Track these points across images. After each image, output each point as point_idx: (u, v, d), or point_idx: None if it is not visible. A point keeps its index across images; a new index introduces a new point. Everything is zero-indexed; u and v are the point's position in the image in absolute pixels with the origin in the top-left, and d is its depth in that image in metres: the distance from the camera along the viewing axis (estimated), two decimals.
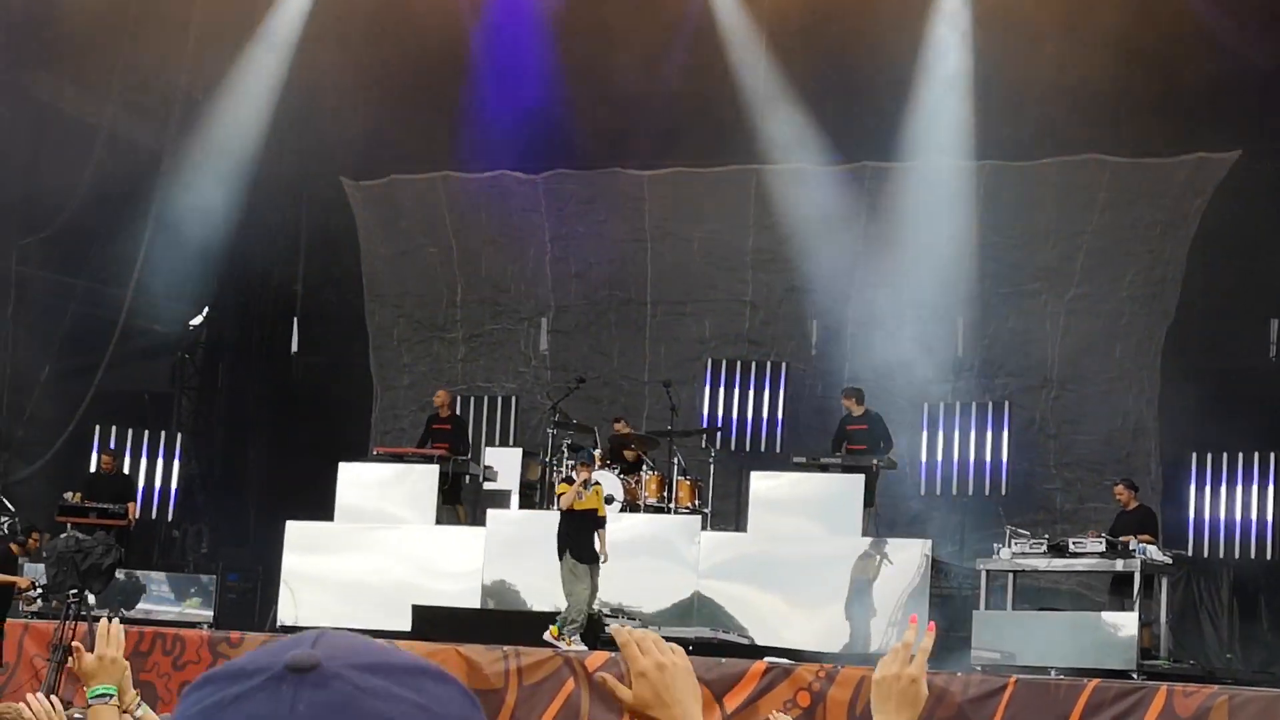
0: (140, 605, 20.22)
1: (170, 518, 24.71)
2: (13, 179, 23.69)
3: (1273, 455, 20.83)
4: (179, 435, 24.93)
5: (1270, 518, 20.69)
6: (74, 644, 5.33)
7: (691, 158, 24.33)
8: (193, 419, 26.19)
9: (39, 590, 18.39)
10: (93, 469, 22.96)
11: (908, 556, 18.57)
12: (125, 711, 5.61)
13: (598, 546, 17.48)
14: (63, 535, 18.09)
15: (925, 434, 22.22)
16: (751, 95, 23.71)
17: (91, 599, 17.48)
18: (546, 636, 17.02)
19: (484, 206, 25.44)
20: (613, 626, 3.62)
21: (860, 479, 19.49)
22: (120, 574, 19.75)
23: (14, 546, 17.55)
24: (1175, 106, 21.79)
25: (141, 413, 25.53)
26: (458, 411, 23.07)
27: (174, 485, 24.53)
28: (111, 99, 24.25)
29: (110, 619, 5.20)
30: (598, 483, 18.01)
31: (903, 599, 18.29)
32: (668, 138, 24.22)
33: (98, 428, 23.82)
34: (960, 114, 22.48)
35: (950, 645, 17.99)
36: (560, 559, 17.48)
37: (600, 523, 17.60)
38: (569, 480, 17.83)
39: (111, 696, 5.10)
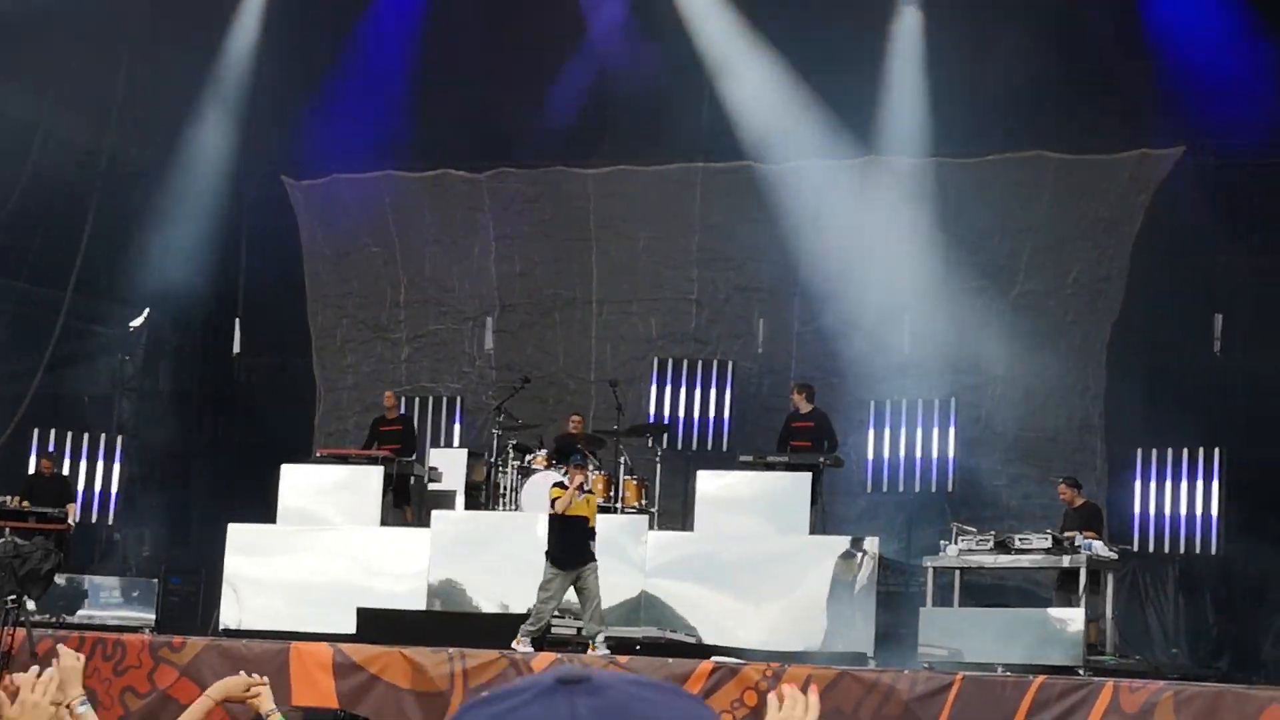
0: (81, 610, 20.01)
1: (111, 521, 24.49)
2: None
3: (1217, 451, 20.88)
4: (119, 438, 24.71)
5: (1215, 513, 20.73)
6: (8, 679, 5.20)
7: (635, 156, 24.25)
8: (133, 421, 25.95)
9: None
10: (31, 472, 22.72)
11: (855, 554, 18.54)
12: (66, 706, 5.51)
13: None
14: (0, 540, 17.85)
15: (872, 431, 22.21)
16: (696, 92, 23.66)
17: (31, 604, 17.29)
18: (514, 644, 16.81)
19: (427, 205, 25.32)
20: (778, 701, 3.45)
21: (807, 477, 19.45)
22: (60, 579, 19.53)
23: None
24: (1118, 103, 21.84)
25: (81, 415, 25.29)
26: (406, 413, 22.94)
27: (115, 488, 24.32)
28: (48, 97, 24.01)
29: (54, 662, 5.08)
30: (591, 491, 17.70)
31: (850, 596, 18.25)
32: (612, 136, 24.15)
33: (37, 431, 23.59)
34: (907, 111, 22.47)
35: (897, 643, 18.00)
36: (546, 567, 17.15)
37: (591, 534, 17.13)
38: (562, 485, 17.46)
39: None
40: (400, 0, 24.60)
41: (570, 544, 17.03)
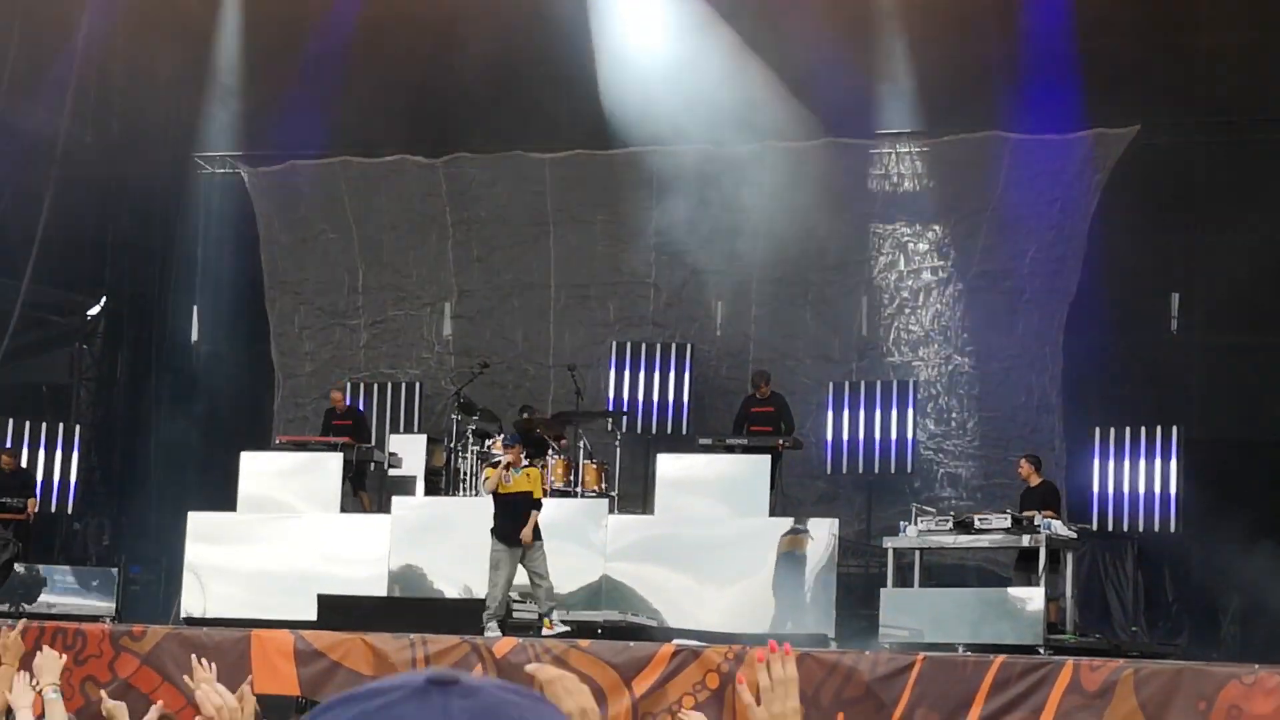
0: (41, 599, 19.94)
1: (71, 510, 24.39)
2: None
3: (1175, 429, 20.99)
4: (78, 427, 24.61)
5: (1173, 491, 20.84)
6: None
7: (591, 141, 24.22)
8: (92, 410, 25.86)
9: None
10: None
11: (815, 536, 18.57)
12: (39, 692, 5.53)
13: (523, 530, 17.26)
14: None
15: (831, 413, 22.25)
16: (647, 75, 23.63)
17: None
18: (545, 632, 16.89)
19: (384, 191, 25.26)
20: (531, 666, 3.58)
21: (767, 459, 19.48)
22: (20, 568, 19.47)
23: None
24: (1072, 81, 21.90)
25: (39, 405, 25.20)
26: (358, 403, 22.91)
27: (74, 478, 24.22)
28: (2, 84, 23.87)
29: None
30: (531, 465, 17.80)
31: (811, 578, 18.30)
32: (566, 121, 24.12)
33: None
34: (862, 93, 22.50)
35: (858, 624, 18.05)
36: (491, 542, 17.32)
37: (535, 504, 17.37)
38: (495, 464, 17.70)
39: None
40: None
41: (510, 519, 17.22)
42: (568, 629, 16.86)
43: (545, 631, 16.85)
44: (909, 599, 17.40)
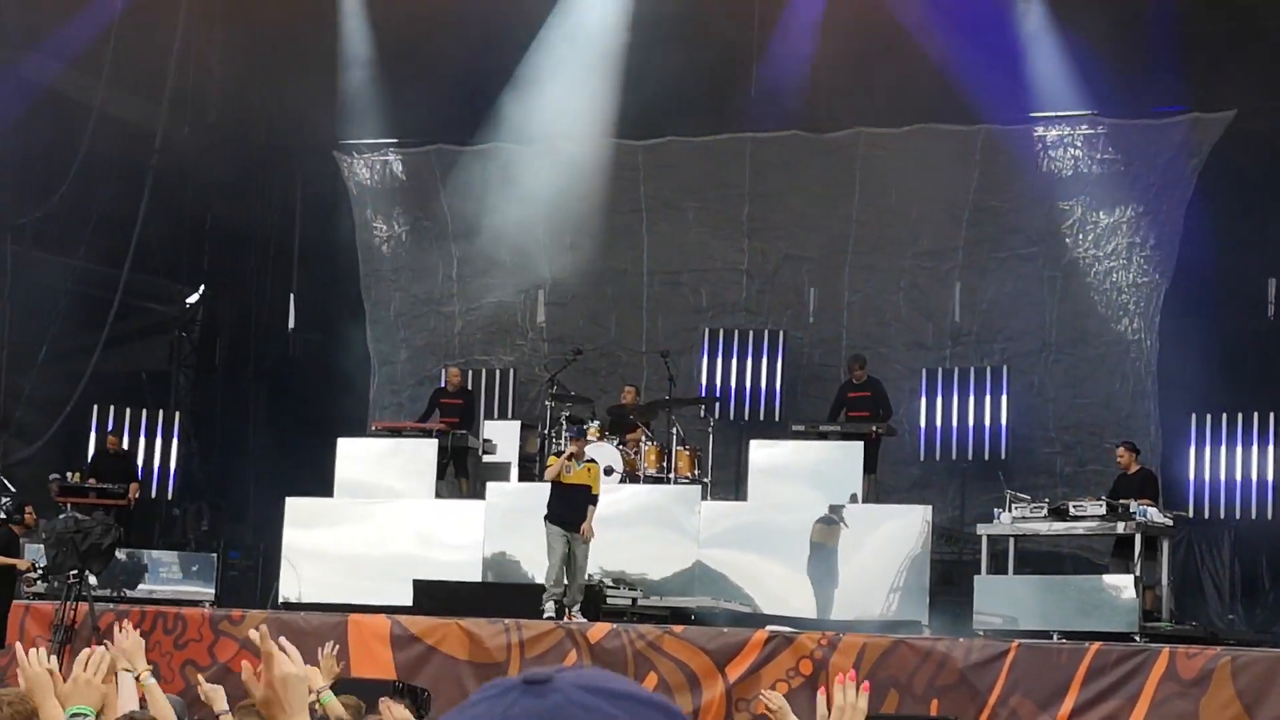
0: (142, 585, 20.20)
1: (170, 496, 24.68)
2: (6, 160, 23.62)
3: (1272, 415, 20.83)
4: (177, 414, 24.90)
5: (1270, 478, 20.69)
6: (51, 669, 5.29)
7: (686, 127, 24.27)
8: (191, 397, 26.15)
9: (39, 571, 18.35)
10: (94, 450, 22.89)
11: (908, 523, 18.55)
12: (136, 678, 5.65)
13: (583, 525, 17.40)
14: (61, 516, 18.01)
15: (924, 400, 22.22)
16: (746, 62, 23.67)
17: (93, 579, 17.47)
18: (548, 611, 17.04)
19: (479, 179, 25.36)
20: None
21: (859, 446, 19.47)
22: (121, 554, 19.70)
23: (15, 528, 17.51)
24: (1170, 65, 21.74)
25: (140, 392, 25.49)
26: (467, 388, 22.98)
27: (173, 464, 24.51)
28: (103, 76, 24.17)
29: (93, 649, 5.18)
30: (594, 461, 17.89)
31: (904, 565, 18.27)
32: (661, 108, 24.15)
33: (96, 408, 23.78)
34: (956, 78, 22.40)
35: (952, 611, 18.01)
36: (546, 527, 17.46)
37: (593, 499, 17.51)
38: (559, 453, 17.82)
39: (87, 718, 5.10)
40: None
41: (569, 508, 17.41)
42: (584, 619, 16.91)
43: (566, 620, 16.95)
44: (1003, 586, 17.36)
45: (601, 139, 24.38)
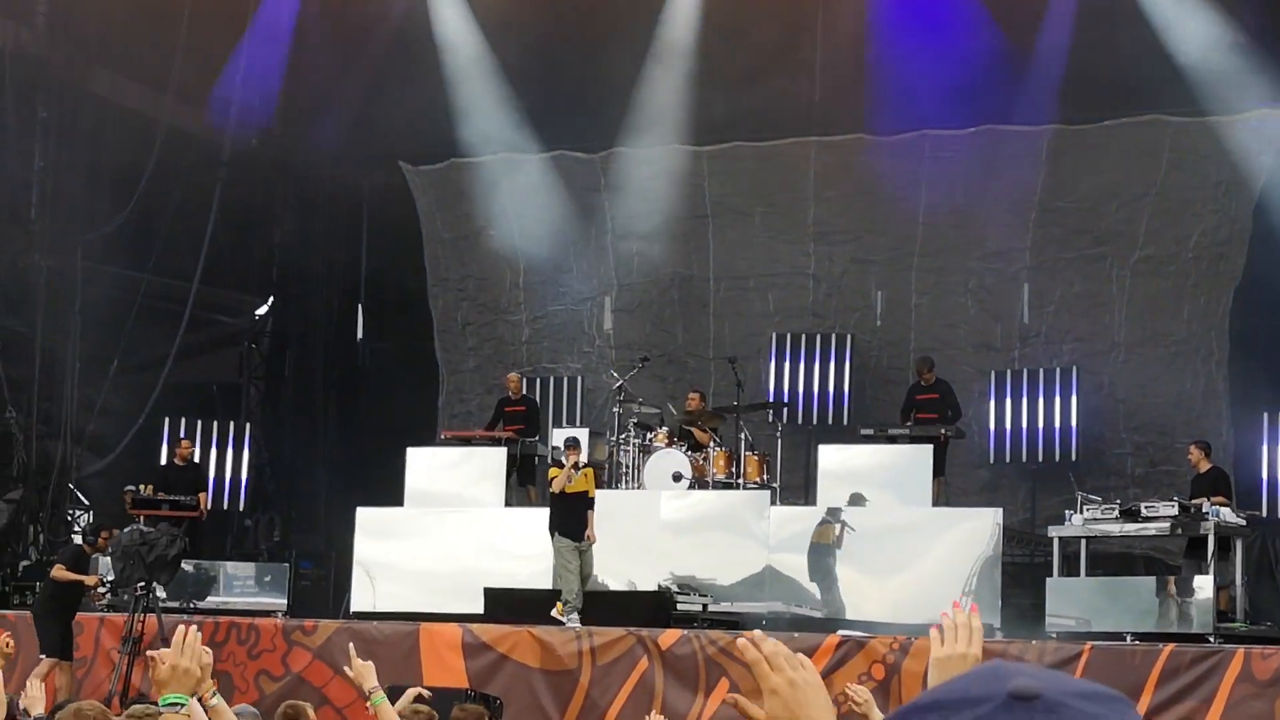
0: (215, 596, 20.31)
1: (242, 507, 24.81)
2: (75, 176, 23.85)
3: None
4: (248, 425, 25.03)
5: None
6: (150, 653, 5.36)
7: (750, 132, 24.28)
8: (261, 408, 26.30)
9: (106, 585, 18.44)
10: (164, 461, 23.02)
11: (979, 525, 18.47)
12: (199, 699, 5.66)
13: (587, 530, 17.77)
14: (126, 529, 18.15)
15: (993, 402, 22.12)
16: (806, 66, 23.66)
17: (162, 591, 17.60)
18: (554, 614, 17.18)
19: (543, 187, 25.42)
20: (741, 640, 3.49)
21: (929, 449, 19.41)
22: (190, 565, 19.83)
23: (85, 546, 17.62)
24: (1235, 62, 21.59)
25: (210, 403, 25.66)
26: (527, 393, 23.06)
27: (244, 475, 24.63)
28: (169, 92, 24.37)
29: (188, 626, 5.20)
30: (588, 465, 18.30)
31: (975, 568, 18.21)
32: (725, 112, 24.16)
33: (167, 420, 23.92)
34: (1022, 80, 22.32)
35: (1024, 614, 17.94)
36: (552, 539, 17.66)
37: (589, 504, 17.90)
38: (559, 464, 17.98)
39: (183, 705, 5.11)
40: None
41: (573, 516, 17.82)
42: (580, 626, 17.04)
43: (555, 614, 17.25)
44: (1075, 588, 17.27)
45: (666, 145, 24.41)
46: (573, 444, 18.12)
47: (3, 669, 8.22)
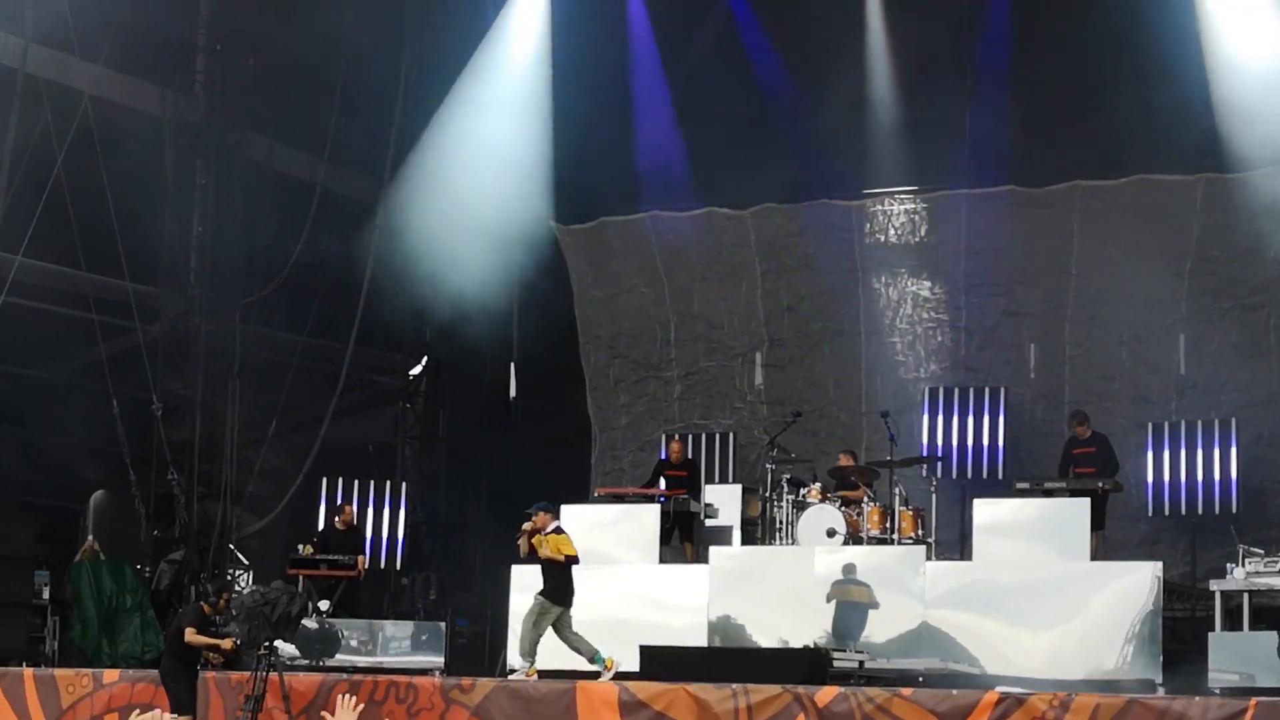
0: (373, 656, 20.47)
1: (399, 566, 25.00)
2: (232, 240, 24.29)
3: None
4: (404, 484, 25.23)
5: None
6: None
7: (898, 185, 24.24)
8: (416, 467, 26.53)
9: (239, 646, 18.42)
10: (323, 523, 23.25)
11: (1138, 579, 18.23)
12: None
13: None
14: (247, 590, 18.30)
15: (1150, 454, 21.85)
16: (956, 119, 23.61)
17: (291, 648, 17.72)
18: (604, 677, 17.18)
19: (693, 244, 25.53)
20: None
21: (1086, 502, 19.17)
22: (312, 623, 19.94)
23: (205, 607, 17.78)
24: None
25: (366, 463, 25.92)
26: (690, 458, 23.01)
27: (400, 534, 24.83)
28: (324, 156, 24.75)
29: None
30: (556, 531, 17.90)
31: (1135, 623, 17.96)
32: (873, 166, 24.17)
33: (324, 480, 24.19)
34: (1179, 129, 22.11)
35: (1186, 669, 17.67)
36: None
37: (569, 563, 17.70)
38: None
39: None
40: (653, 42, 24.92)
41: (546, 582, 17.79)
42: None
43: (607, 673, 17.19)
44: (1239, 643, 17.00)
45: (815, 200, 24.46)
46: (538, 510, 18.00)
47: None
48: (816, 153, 24.23)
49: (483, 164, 25.30)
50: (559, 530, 17.98)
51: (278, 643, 17.17)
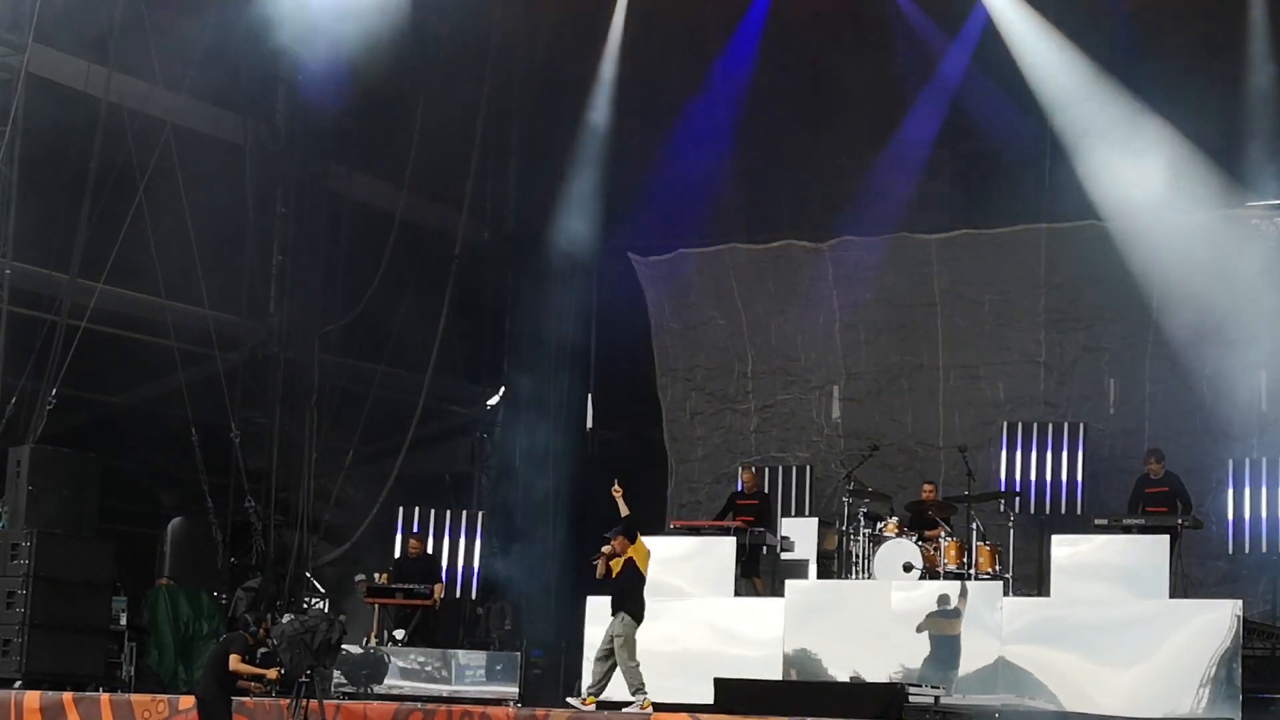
0: (447, 685, 20.48)
1: (474, 596, 25.02)
2: (312, 270, 24.42)
3: None
4: (480, 514, 25.27)
5: None
6: None
7: (978, 220, 24.15)
8: (492, 497, 26.56)
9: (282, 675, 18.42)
10: (397, 554, 23.31)
11: (1217, 617, 18.03)
12: None
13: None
14: (286, 619, 18.33)
15: (1231, 491, 21.63)
16: (1040, 154, 23.50)
17: (337, 674, 17.76)
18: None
19: (771, 276, 25.51)
20: None
21: (1165, 539, 19.01)
22: (356, 648, 19.95)
23: (247, 635, 17.80)
24: None
25: (443, 493, 25.98)
26: (764, 488, 22.95)
27: (476, 563, 24.84)
28: (403, 185, 24.88)
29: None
30: (615, 555, 18.01)
31: (1213, 661, 17.78)
32: (954, 201, 24.10)
33: (401, 509, 24.24)
34: (1264, 161, 21.96)
35: (1266, 709, 17.48)
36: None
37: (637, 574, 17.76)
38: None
39: None
40: (730, 74, 24.94)
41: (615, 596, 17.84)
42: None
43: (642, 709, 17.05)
44: None
45: (894, 233, 24.42)
46: (611, 535, 18.14)
47: None
48: (889, 187, 24.18)
49: (559, 194, 25.40)
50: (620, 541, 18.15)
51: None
